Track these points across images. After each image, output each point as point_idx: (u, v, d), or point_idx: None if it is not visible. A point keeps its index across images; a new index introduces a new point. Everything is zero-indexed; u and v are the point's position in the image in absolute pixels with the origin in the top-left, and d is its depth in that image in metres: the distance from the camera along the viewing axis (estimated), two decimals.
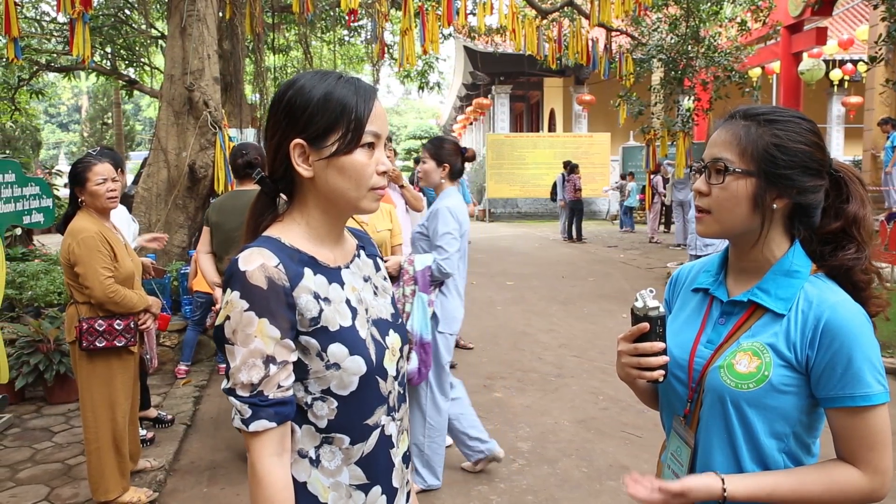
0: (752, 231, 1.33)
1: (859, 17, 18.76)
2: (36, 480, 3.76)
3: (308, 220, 1.31)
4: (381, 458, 1.33)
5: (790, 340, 1.28)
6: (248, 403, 1.19)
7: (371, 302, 1.37)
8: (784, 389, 1.27)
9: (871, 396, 1.22)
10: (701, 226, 1.38)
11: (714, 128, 1.38)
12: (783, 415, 1.29)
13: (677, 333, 1.45)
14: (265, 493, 1.19)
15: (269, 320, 1.19)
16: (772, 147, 1.29)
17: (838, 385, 1.24)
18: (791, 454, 1.31)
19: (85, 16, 6.61)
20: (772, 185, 1.29)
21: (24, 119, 17.72)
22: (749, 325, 1.34)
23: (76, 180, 3.42)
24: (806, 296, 1.29)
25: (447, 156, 3.65)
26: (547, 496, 3.65)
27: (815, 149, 1.31)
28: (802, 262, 1.33)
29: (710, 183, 1.33)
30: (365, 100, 1.27)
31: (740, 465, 1.32)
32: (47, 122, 43.84)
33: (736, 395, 1.29)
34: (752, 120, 1.32)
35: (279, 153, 1.27)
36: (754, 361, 1.29)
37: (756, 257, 1.36)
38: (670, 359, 1.41)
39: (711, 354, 1.36)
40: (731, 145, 1.31)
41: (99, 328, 3.31)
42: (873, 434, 1.24)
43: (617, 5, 10.93)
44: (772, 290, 1.33)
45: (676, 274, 1.58)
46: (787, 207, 1.33)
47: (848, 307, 1.26)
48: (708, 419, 1.35)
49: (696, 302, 1.47)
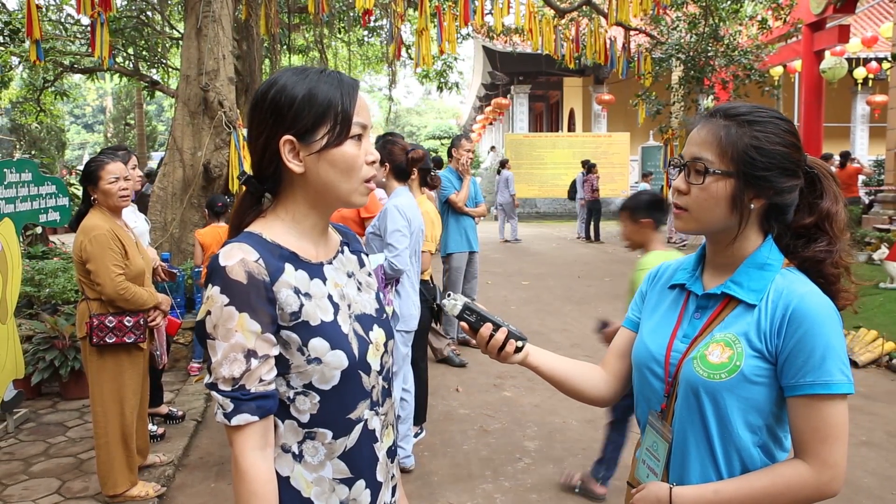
0: (729, 228, 1.34)
1: (884, 15, 18.45)
2: (48, 474, 3.83)
3: (294, 216, 1.32)
4: (364, 453, 1.33)
5: (761, 330, 1.28)
6: (230, 397, 1.20)
7: (354, 297, 1.37)
8: (756, 380, 1.28)
9: (830, 385, 1.22)
10: (679, 222, 1.39)
11: (693, 124, 1.38)
12: (756, 406, 1.29)
13: (654, 330, 1.46)
14: (248, 487, 1.20)
15: (249, 315, 1.20)
16: (751, 149, 1.29)
17: (800, 372, 1.24)
18: (765, 448, 1.31)
19: (102, 16, 6.71)
20: (750, 186, 1.31)
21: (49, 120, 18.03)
22: (723, 317, 1.35)
23: (89, 179, 3.47)
24: (776, 287, 1.30)
25: (388, 155, 3.72)
26: (551, 495, 3.64)
27: (792, 149, 1.32)
28: (775, 256, 1.35)
29: (690, 182, 1.34)
30: (349, 92, 1.29)
31: (715, 459, 1.32)
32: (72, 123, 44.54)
33: (709, 386, 1.30)
34: (732, 120, 1.32)
35: (267, 152, 1.28)
36: (727, 352, 1.30)
37: (731, 253, 1.37)
38: (647, 354, 1.42)
39: (687, 348, 1.36)
40: (711, 145, 1.32)
41: (109, 324, 3.36)
42: (828, 426, 1.23)
43: (635, 4, 10.84)
44: (744, 282, 1.34)
45: (656, 269, 1.58)
46: (763, 206, 1.34)
47: (815, 297, 1.27)
48: (682, 411, 1.35)
49: (673, 298, 1.47)
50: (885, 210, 12.19)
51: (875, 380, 5.55)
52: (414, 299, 3.81)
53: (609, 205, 20.41)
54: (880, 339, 6.01)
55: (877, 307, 7.03)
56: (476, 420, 4.71)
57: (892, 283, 7.66)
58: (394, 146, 3.76)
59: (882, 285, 7.71)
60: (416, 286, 3.85)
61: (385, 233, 3.57)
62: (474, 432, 4.50)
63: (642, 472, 1.46)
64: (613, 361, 1.58)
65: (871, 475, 3.82)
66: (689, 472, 1.35)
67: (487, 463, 4.03)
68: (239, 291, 1.20)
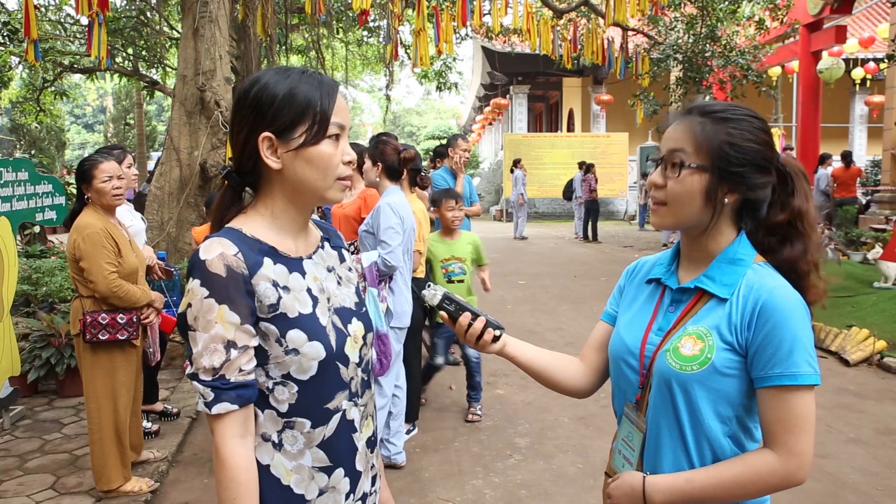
0: (702, 223, 1.38)
1: (881, 15, 18.48)
2: (43, 470, 3.86)
3: (273, 212, 1.36)
4: (343, 442, 1.37)
5: (732, 323, 1.32)
6: (211, 387, 1.24)
7: (334, 291, 1.41)
8: (726, 372, 1.31)
9: (797, 376, 1.26)
10: (656, 217, 1.42)
11: (670, 121, 1.42)
12: (726, 398, 1.32)
13: (630, 323, 1.50)
14: (229, 474, 1.24)
15: (228, 306, 1.24)
16: (725, 145, 1.33)
17: (768, 364, 1.28)
18: (735, 438, 1.35)
19: (100, 17, 6.75)
20: (724, 181, 1.34)
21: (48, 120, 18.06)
22: (696, 310, 1.38)
23: (83, 178, 3.51)
24: (747, 281, 1.34)
25: (380, 155, 3.78)
26: (540, 491, 3.68)
27: (765, 147, 1.36)
28: (747, 251, 1.38)
29: (667, 176, 1.38)
30: (328, 93, 1.32)
31: (686, 448, 1.35)
32: (73, 123, 44.57)
33: (681, 378, 1.34)
34: (708, 117, 1.36)
35: (247, 147, 1.32)
36: (698, 344, 1.33)
37: (705, 247, 1.41)
38: (623, 347, 1.46)
39: (661, 340, 1.40)
40: (687, 141, 1.36)
41: (102, 321, 3.40)
42: (794, 416, 1.27)
43: (632, 4, 10.88)
44: (717, 276, 1.37)
45: (635, 264, 1.62)
46: (736, 202, 1.38)
47: (784, 291, 1.31)
48: (656, 402, 1.39)
49: (650, 292, 1.51)
50: (882, 210, 12.23)
51: (866, 378, 5.58)
52: (407, 296, 3.85)
53: (608, 205, 20.46)
54: (872, 338, 6.04)
55: (870, 306, 7.06)
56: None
57: (887, 283, 7.69)
58: (386, 146, 3.81)
59: (876, 285, 7.75)
60: (409, 283, 3.89)
61: (378, 230, 3.62)
62: (466, 429, 4.54)
63: (618, 461, 1.50)
64: (591, 354, 1.62)
65: (858, 471, 3.86)
66: (662, 461, 1.39)
67: (478, 459, 4.07)
68: (218, 284, 1.24)
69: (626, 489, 1.39)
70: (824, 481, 3.74)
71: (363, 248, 3.75)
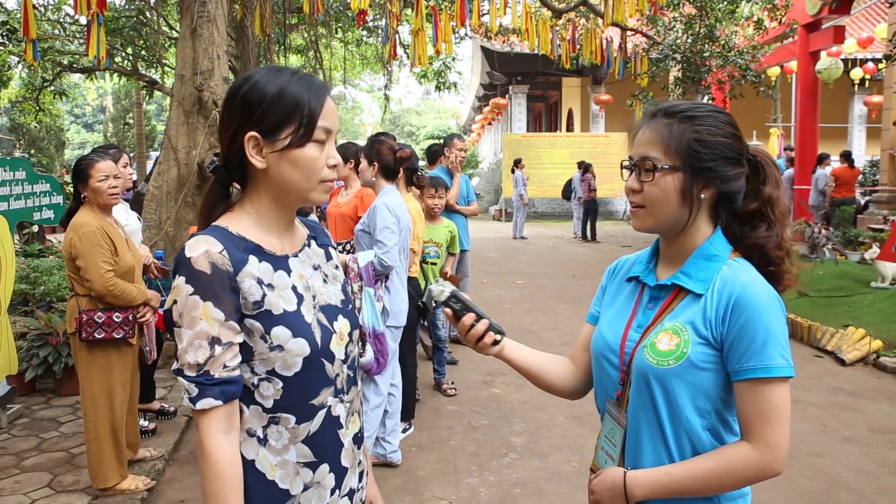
0: (681, 221, 1.41)
1: (879, 16, 18.49)
2: (40, 468, 3.88)
3: (258, 210, 1.38)
4: (328, 438, 1.39)
5: (707, 318, 1.34)
6: (195, 382, 1.26)
7: (320, 289, 1.43)
8: (702, 366, 1.33)
9: (771, 369, 1.28)
10: (636, 220, 1.44)
11: (638, 127, 1.44)
12: (703, 391, 1.34)
13: (611, 321, 1.52)
14: (213, 469, 1.26)
15: (213, 303, 1.26)
16: (694, 143, 1.36)
17: (743, 358, 1.30)
18: (714, 431, 1.36)
19: (99, 17, 6.76)
20: (698, 178, 1.37)
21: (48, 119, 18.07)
22: (673, 306, 1.41)
23: (79, 177, 3.53)
24: (722, 276, 1.37)
25: (376, 154, 3.81)
26: (535, 489, 3.69)
27: (733, 139, 1.39)
28: (722, 247, 1.41)
29: (641, 180, 1.40)
30: (317, 96, 1.34)
31: (666, 443, 1.37)
32: (73, 123, 44.58)
33: (658, 372, 1.36)
34: (673, 117, 1.39)
35: (233, 144, 1.34)
36: (674, 339, 1.36)
37: (682, 245, 1.44)
38: (604, 344, 1.48)
39: (640, 337, 1.42)
40: (657, 143, 1.39)
41: (98, 320, 3.42)
42: (769, 409, 1.29)
43: (631, 4, 10.88)
44: (693, 272, 1.40)
45: (616, 263, 1.64)
46: (713, 196, 1.41)
47: (757, 286, 1.33)
48: (635, 397, 1.41)
49: (629, 290, 1.53)
50: (880, 210, 12.24)
51: (861, 377, 5.60)
52: (403, 295, 3.87)
53: (606, 205, 20.46)
54: (868, 338, 6.05)
55: (867, 306, 7.07)
56: (464, 416, 4.77)
57: (883, 283, 7.70)
58: (382, 145, 3.82)
59: (873, 284, 7.76)
60: (405, 282, 3.91)
61: (374, 230, 3.64)
62: (462, 428, 4.55)
63: (601, 458, 1.52)
64: (580, 355, 1.64)
65: (851, 470, 3.87)
66: (642, 456, 1.41)
67: (473, 458, 4.08)
68: (203, 281, 1.26)
69: (608, 484, 1.41)
70: (818, 480, 3.75)
71: (359, 247, 3.77)
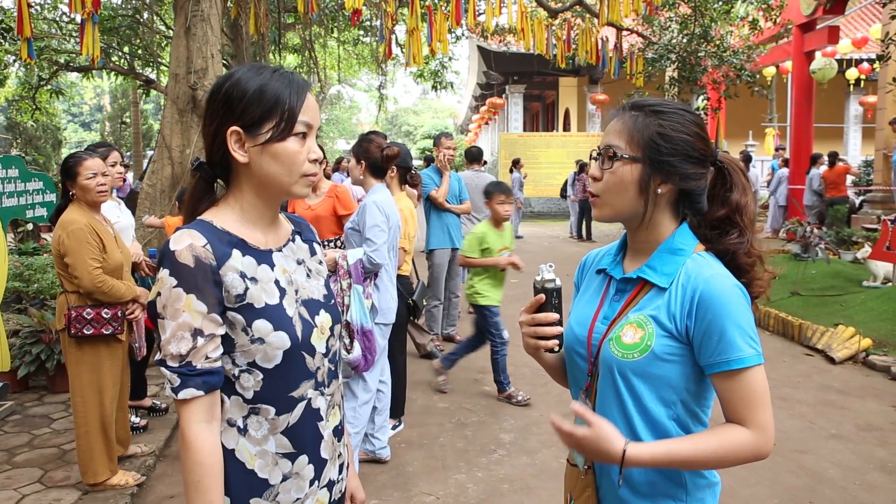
0: (640, 214, 1.43)
1: (874, 16, 18.54)
2: (31, 464, 3.90)
3: (242, 205, 1.42)
4: (307, 430, 1.42)
5: (671, 312, 1.37)
6: (178, 373, 1.29)
7: (303, 283, 1.46)
8: (667, 358, 1.36)
9: (743, 359, 1.31)
10: (595, 210, 1.47)
11: (609, 119, 1.47)
12: (668, 383, 1.37)
13: (580, 313, 1.54)
14: (193, 457, 1.29)
15: (196, 296, 1.29)
16: (656, 136, 1.38)
17: (715, 352, 1.33)
18: (680, 422, 1.39)
19: (94, 16, 6.78)
20: (656, 171, 1.39)
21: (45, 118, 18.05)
22: (638, 299, 1.43)
23: (67, 174, 3.55)
24: (686, 271, 1.39)
25: (364, 153, 3.83)
26: (523, 485, 3.72)
27: (696, 139, 1.41)
28: (687, 241, 1.43)
29: (603, 168, 1.43)
30: (297, 92, 1.37)
31: (635, 433, 1.39)
32: (70, 122, 44.53)
33: (623, 365, 1.38)
34: (641, 111, 1.42)
35: (216, 140, 1.38)
36: (638, 332, 1.38)
37: (646, 238, 1.46)
38: (573, 336, 1.50)
39: (606, 329, 1.45)
40: (621, 134, 1.41)
41: (87, 316, 3.44)
42: (751, 394, 1.32)
43: (626, 4, 10.91)
44: (657, 266, 1.42)
45: (585, 258, 1.67)
46: (672, 193, 1.43)
47: (720, 280, 1.35)
48: (602, 389, 1.44)
49: (598, 282, 1.56)
50: (874, 210, 12.28)
51: (850, 375, 5.63)
52: (392, 293, 3.89)
53: None
54: (857, 336, 6.09)
55: (858, 305, 7.10)
56: (454, 413, 4.79)
57: (875, 282, 7.74)
58: (370, 144, 3.85)
59: (865, 284, 7.79)
60: (394, 280, 3.93)
61: (364, 228, 3.66)
62: (452, 425, 4.58)
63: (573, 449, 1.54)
64: None
65: (837, 466, 3.90)
66: None
67: (462, 454, 4.11)
68: (187, 274, 1.29)
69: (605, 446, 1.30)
70: (803, 476, 3.78)
71: (349, 245, 3.80)
